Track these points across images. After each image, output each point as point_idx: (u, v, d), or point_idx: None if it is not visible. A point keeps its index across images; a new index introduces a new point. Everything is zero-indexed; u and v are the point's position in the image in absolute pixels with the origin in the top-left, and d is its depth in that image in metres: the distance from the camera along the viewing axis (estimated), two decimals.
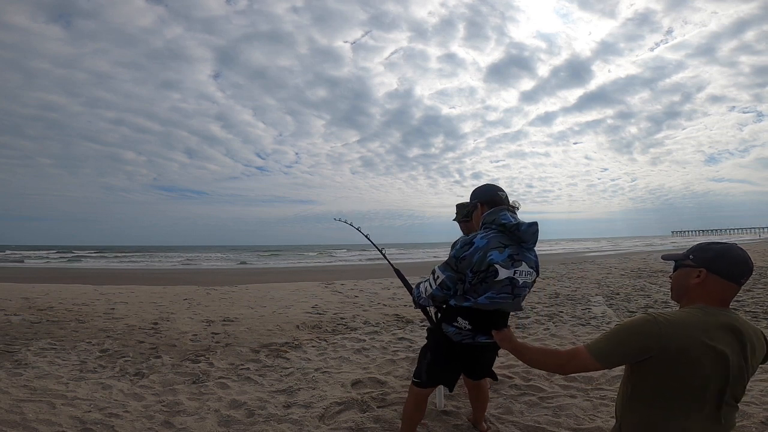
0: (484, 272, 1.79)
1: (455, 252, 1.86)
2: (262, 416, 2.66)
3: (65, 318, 5.70)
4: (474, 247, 1.81)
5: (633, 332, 1.25)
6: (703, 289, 1.28)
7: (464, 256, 1.82)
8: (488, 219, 1.92)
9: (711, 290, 1.27)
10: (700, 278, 1.28)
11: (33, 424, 2.51)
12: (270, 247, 73.05)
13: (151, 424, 2.56)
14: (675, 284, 1.38)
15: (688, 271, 1.32)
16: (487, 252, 1.80)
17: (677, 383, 1.21)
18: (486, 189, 2.06)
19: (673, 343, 1.19)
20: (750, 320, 4.84)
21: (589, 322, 5.18)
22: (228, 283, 11.16)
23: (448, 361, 2.06)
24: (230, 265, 25.68)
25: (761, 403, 2.60)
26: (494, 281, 1.80)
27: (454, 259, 1.85)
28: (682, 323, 1.21)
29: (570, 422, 2.49)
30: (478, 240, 1.83)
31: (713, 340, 1.19)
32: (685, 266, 1.34)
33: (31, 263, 27.08)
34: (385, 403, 2.84)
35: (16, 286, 9.31)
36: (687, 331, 1.19)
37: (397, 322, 5.48)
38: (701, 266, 1.28)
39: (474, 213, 2.09)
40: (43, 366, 3.66)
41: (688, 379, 1.20)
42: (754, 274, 9.24)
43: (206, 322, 5.51)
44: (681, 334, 1.19)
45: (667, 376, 1.21)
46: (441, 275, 1.91)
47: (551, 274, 11.11)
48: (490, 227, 1.89)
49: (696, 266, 1.30)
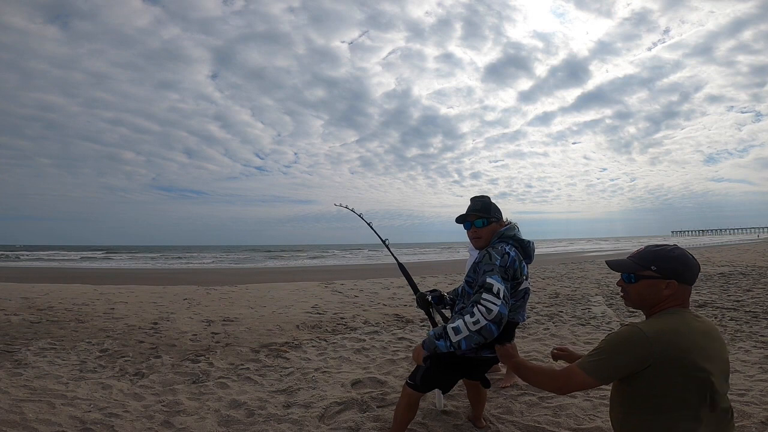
0: (516, 280, 1.91)
1: (500, 261, 1.83)
2: (262, 416, 2.66)
3: (65, 318, 5.70)
4: (512, 257, 1.89)
5: (625, 346, 1.26)
6: (673, 297, 1.32)
7: (509, 265, 1.86)
8: (508, 234, 2.01)
9: (678, 296, 1.32)
10: (669, 290, 1.30)
11: (33, 424, 2.51)
12: (269, 247, 73.02)
13: (151, 424, 2.56)
14: (637, 295, 1.37)
15: (656, 283, 1.32)
16: (521, 261, 1.94)
17: (677, 390, 1.22)
18: (499, 209, 2.12)
19: (666, 352, 1.21)
20: (750, 320, 4.86)
21: (589, 322, 5.18)
22: (228, 283, 11.15)
23: (446, 372, 2.07)
24: (230, 265, 25.67)
25: (761, 403, 2.60)
26: (518, 290, 1.95)
27: (503, 269, 1.82)
28: (670, 332, 1.23)
29: (570, 422, 2.49)
30: (509, 250, 1.91)
31: (698, 344, 1.22)
32: (650, 278, 1.33)
33: (31, 263, 27.07)
34: (385, 403, 2.84)
35: (16, 286, 9.30)
36: (676, 339, 1.22)
37: (397, 322, 5.48)
38: (671, 278, 1.30)
39: (491, 226, 2.07)
40: (43, 366, 3.66)
41: (686, 385, 1.22)
42: (755, 274, 9.27)
43: (206, 322, 5.50)
44: (672, 343, 1.21)
45: (665, 384, 1.22)
46: (500, 286, 1.71)
47: (551, 274, 11.11)
48: (507, 242, 1.98)
49: (663, 278, 1.31)
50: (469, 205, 2.15)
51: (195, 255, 40.37)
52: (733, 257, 14.85)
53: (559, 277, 10.33)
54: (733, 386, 2.87)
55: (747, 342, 3.99)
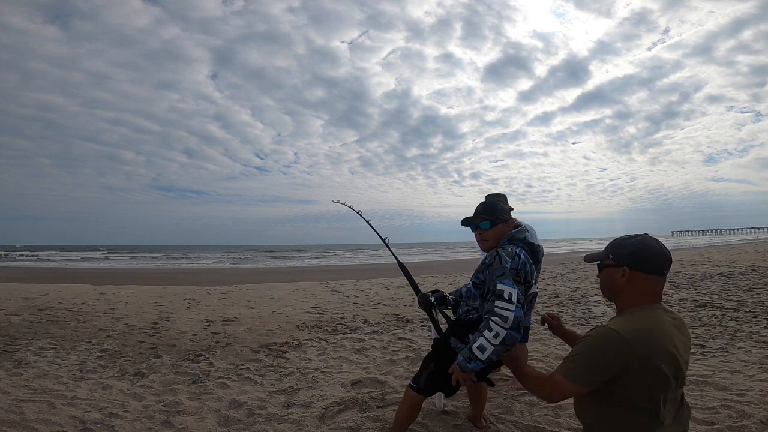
0: (527, 282, 1.86)
1: (511, 263, 1.80)
2: (262, 416, 2.66)
3: (65, 318, 5.70)
4: (522, 260, 1.85)
5: (603, 351, 1.24)
6: (632, 286, 1.29)
7: (520, 267, 1.82)
8: (518, 236, 1.97)
9: (640, 287, 1.29)
10: (625, 277, 1.30)
11: (33, 424, 2.51)
12: (269, 247, 73.03)
13: (151, 423, 2.56)
14: (603, 285, 1.39)
15: (612, 271, 1.33)
16: (531, 264, 1.90)
17: (650, 387, 1.22)
18: (506, 210, 2.07)
19: (643, 353, 1.19)
20: (750, 320, 4.85)
21: (589, 322, 5.18)
22: (228, 283, 11.15)
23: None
24: (230, 265, 25.66)
25: (761, 403, 2.59)
26: (526, 295, 1.88)
27: (514, 272, 1.78)
28: (647, 331, 1.22)
29: (570, 422, 2.49)
30: (519, 252, 1.87)
31: (672, 341, 1.23)
32: (608, 266, 1.34)
33: (31, 263, 27.07)
34: (385, 403, 2.84)
35: (16, 286, 9.31)
36: (653, 339, 1.21)
37: (397, 322, 5.48)
38: (623, 265, 1.30)
39: (497, 227, 2.02)
40: (43, 366, 3.66)
41: (661, 384, 1.21)
42: (755, 274, 9.25)
43: (206, 321, 5.51)
44: (650, 343, 1.20)
45: (641, 384, 1.21)
46: (512, 290, 1.71)
47: (551, 274, 11.11)
48: (517, 244, 1.94)
49: (618, 265, 1.31)
50: (476, 207, 2.13)
51: (195, 255, 40.37)
52: (733, 257, 14.84)
53: (559, 277, 10.33)
54: (733, 386, 2.87)
55: (747, 342, 3.98)
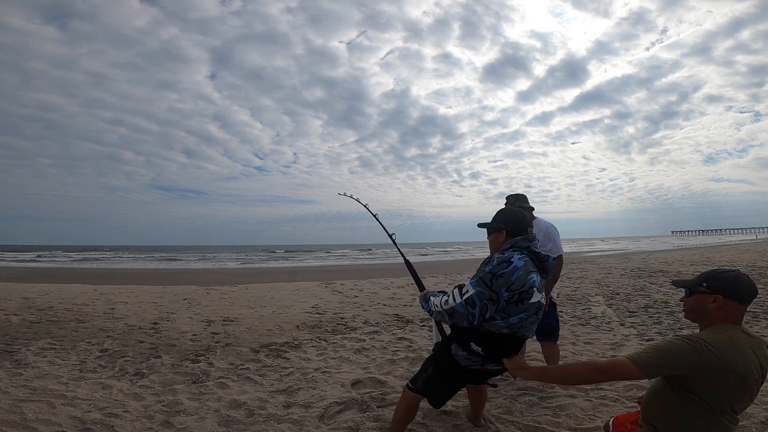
0: (522, 292, 1.79)
1: (491, 268, 1.81)
2: (262, 416, 2.66)
3: (65, 318, 5.70)
4: (513, 266, 1.80)
5: (681, 348, 1.42)
6: (721, 312, 1.49)
7: (502, 273, 1.79)
8: (521, 244, 1.92)
9: (729, 313, 1.49)
10: (716, 303, 1.49)
11: (33, 424, 2.51)
12: (269, 247, 73.01)
13: (151, 424, 2.56)
14: (690, 308, 1.59)
15: (704, 298, 1.52)
16: (527, 273, 1.82)
17: (720, 398, 1.40)
18: (515, 219, 2.02)
19: (719, 361, 1.37)
20: (750, 320, 4.85)
21: (589, 322, 5.18)
22: (228, 283, 11.15)
23: (449, 381, 2.06)
24: (230, 265, 25.66)
25: (761, 403, 2.59)
26: (528, 303, 1.82)
27: (489, 275, 1.80)
28: (728, 343, 1.40)
29: (570, 422, 2.49)
30: (516, 259, 1.83)
31: (746, 359, 1.39)
32: (700, 293, 1.54)
33: (31, 263, 27.06)
34: (385, 403, 2.84)
35: (16, 286, 9.31)
36: (729, 351, 1.39)
37: (397, 322, 5.48)
38: (717, 293, 1.49)
39: (493, 235, 2.05)
40: (43, 366, 3.66)
41: (729, 393, 1.40)
42: (755, 274, 9.26)
43: (206, 321, 5.50)
44: (725, 354, 1.38)
45: (709, 391, 1.40)
46: (471, 290, 1.81)
47: None
48: (521, 251, 1.89)
49: (710, 293, 1.51)
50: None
51: (195, 255, 40.36)
52: (733, 257, 14.85)
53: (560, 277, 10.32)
54: None
55: None
